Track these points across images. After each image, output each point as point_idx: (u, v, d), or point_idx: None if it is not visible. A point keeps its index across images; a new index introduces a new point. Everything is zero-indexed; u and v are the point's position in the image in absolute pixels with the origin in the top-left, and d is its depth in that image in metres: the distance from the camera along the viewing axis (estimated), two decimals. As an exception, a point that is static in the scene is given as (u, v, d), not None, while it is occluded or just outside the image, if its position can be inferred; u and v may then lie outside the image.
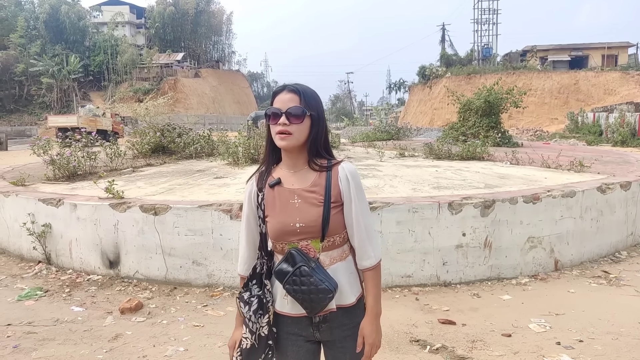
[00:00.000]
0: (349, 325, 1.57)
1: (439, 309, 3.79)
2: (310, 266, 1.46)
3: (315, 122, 1.54)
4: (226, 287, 4.28)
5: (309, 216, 1.50)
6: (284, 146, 1.52)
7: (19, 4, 50.57)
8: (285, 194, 1.54)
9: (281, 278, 1.49)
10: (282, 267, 1.50)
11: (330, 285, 1.46)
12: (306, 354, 1.59)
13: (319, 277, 1.45)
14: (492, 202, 4.39)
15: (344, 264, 1.57)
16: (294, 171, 1.57)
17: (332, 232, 1.52)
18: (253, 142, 8.20)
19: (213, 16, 63.05)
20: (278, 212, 1.54)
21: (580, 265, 4.82)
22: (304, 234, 1.51)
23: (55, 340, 3.33)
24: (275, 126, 1.50)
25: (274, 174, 1.60)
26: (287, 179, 1.56)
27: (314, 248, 1.52)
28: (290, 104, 1.50)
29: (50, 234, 4.88)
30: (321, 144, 1.58)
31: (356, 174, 1.57)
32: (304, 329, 1.57)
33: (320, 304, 1.46)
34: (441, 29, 55.80)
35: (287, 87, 1.54)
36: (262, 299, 1.55)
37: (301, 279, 1.45)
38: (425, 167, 7.39)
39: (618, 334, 3.31)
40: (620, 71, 38.13)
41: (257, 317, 1.54)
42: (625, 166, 7.27)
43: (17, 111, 45.70)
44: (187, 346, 3.23)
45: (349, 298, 1.56)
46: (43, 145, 6.73)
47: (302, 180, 1.55)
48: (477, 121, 12.53)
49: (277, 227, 1.53)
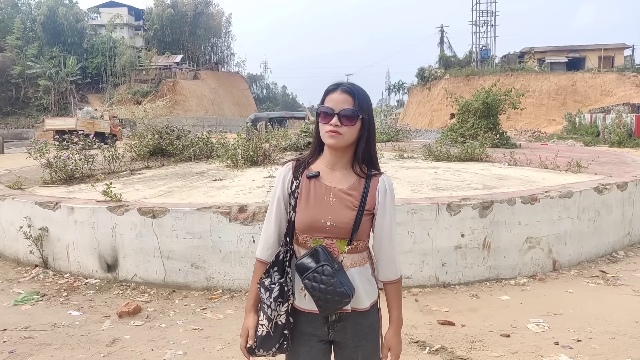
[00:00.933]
0: (363, 325, 1.59)
1: (438, 310, 3.79)
2: (334, 267, 1.46)
3: (365, 126, 1.54)
4: (225, 290, 4.26)
5: (341, 217, 1.51)
6: (332, 145, 1.52)
7: (16, 5, 50.50)
8: (321, 190, 1.54)
9: (302, 272, 1.48)
10: (305, 261, 1.49)
11: (349, 290, 1.46)
12: (318, 354, 1.59)
13: (339, 279, 1.45)
14: (490, 203, 4.40)
15: (362, 270, 1.58)
16: (334, 169, 1.57)
17: (359, 238, 1.54)
18: (252, 144, 8.20)
19: (212, 18, 63.08)
20: (311, 206, 1.53)
21: (578, 265, 4.83)
22: (332, 233, 1.52)
23: (52, 345, 3.31)
24: (326, 125, 1.50)
25: (312, 166, 1.60)
26: (325, 175, 1.57)
27: (339, 248, 1.53)
28: (344, 105, 1.49)
29: (47, 238, 4.86)
30: (371, 149, 1.59)
31: (393, 188, 1.60)
32: (318, 327, 1.57)
33: (335, 305, 1.47)
34: (440, 31, 55.94)
35: (341, 87, 1.53)
36: (283, 287, 1.53)
37: (322, 277, 1.45)
38: (424, 169, 7.40)
39: (615, 333, 3.32)
40: (616, 72, 38.29)
41: (277, 304, 1.52)
42: (621, 167, 7.29)
43: (14, 114, 45.61)
44: (185, 350, 3.22)
45: (363, 303, 1.57)
46: (40, 148, 6.72)
47: (341, 180, 1.56)
48: (476, 122, 12.56)
49: (308, 221, 1.52)
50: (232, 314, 3.80)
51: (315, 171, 1.57)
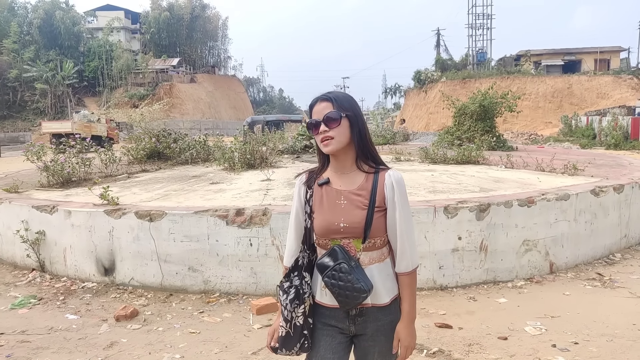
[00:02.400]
0: (384, 321, 1.64)
1: (436, 313, 3.79)
2: (350, 265, 1.55)
3: (353, 122, 1.61)
4: (222, 293, 4.26)
5: (353, 217, 1.58)
6: (329, 151, 1.61)
7: (12, 9, 50.34)
8: (332, 194, 1.63)
9: (322, 270, 1.58)
10: (324, 260, 1.58)
11: (366, 285, 1.53)
12: (338, 345, 1.65)
13: (356, 276, 1.53)
14: (487, 205, 4.41)
15: (382, 266, 1.64)
16: (342, 174, 1.65)
17: (374, 235, 1.60)
18: (249, 147, 8.20)
19: (209, 21, 63.11)
20: (325, 210, 1.62)
21: (575, 267, 4.85)
22: (347, 233, 1.59)
23: (50, 349, 3.30)
24: (318, 135, 1.60)
25: (323, 174, 1.69)
26: (335, 180, 1.65)
27: (355, 247, 1.60)
28: (325, 111, 1.59)
29: (44, 241, 4.85)
30: (367, 143, 1.64)
31: (402, 181, 1.64)
32: (340, 321, 1.64)
33: (354, 301, 1.54)
34: (436, 34, 56.17)
35: (319, 98, 1.63)
36: (299, 290, 1.64)
37: (340, 274, 1.53)
38: (421, 172, 7.41)
39: (613, 335, 3.33)
40: (612, 75, 38.52)
41: (292, 306, 1.62)
42: (618, 169, 7.32)
43: (11, 117, 45.42)
44: (183, 353, 3.21)
45: (382, 298, 1.63)
46: (37, 151, 6.70)
47: (349, 182, 1.64)
48: (472, 125, 12.60)
49: (323, 225, 1.61)
50: (229, 318, 3.80)
51: (326, 178, 1.66)
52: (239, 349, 3.24)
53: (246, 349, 3.24)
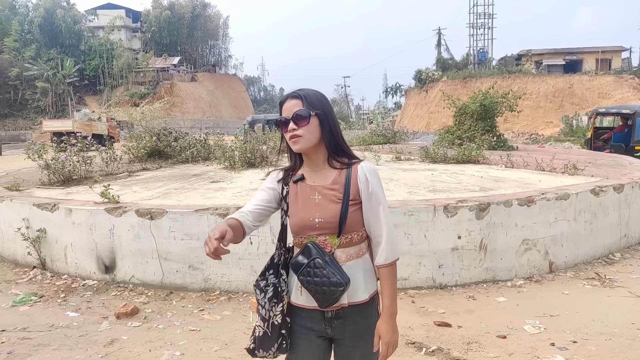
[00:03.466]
0: (362, 325, 1.60)
1: (435, 312, 3.81)
2: (324, 259, 1.52)
3: (323, 120, 1.59)
4: (223, 292, 4.27)
5: (328, 212, 1.56)
6: (298, 149, 1.59)
7: (13, 7, 50.34)
8: (306, 190, 1.61)
9: (296, 269, 1.55)
10: (298, 259, 1.56)
11: (342, 279, 1.50)
12: (317, 349, 1.62)
13: (331, 270, 1.50)
14: (487, 205, 4.42)
15: (360, 262, 1.61)
16: (315, 170, 1.64)
17: (350, 229, 1.57)
18: (249, 146, 8.21)
19: (209, 20, 63.07)
20: (300, 207, 1.60)
21: (575, 267, 4.86)
22: (322, 229, 1.57)
23: (51, 346, 3.32)
24: (287, 133, 1.57)
25: (298, 171, 1.68)
26: (309, 177, 1.64)
27: (331, 243, 1.57)
28: (295, 108, 1.56)
29: (45, 239, 4.86)
30: (339, 141, 1.63)
31: (375, 172, 1.62)
32: (316, 323, 1.60)
33: (332, 296, 1.51)
34: (437, 34, 56.12)
35: (290, 95, 1.61)
36: (277, 287, 1.61)
37: (314, 270, 1.51)
38: (421, 171, 7.42)
39: (611, 334, 3.34)
40: (614, 75, 38.46)
41: (271, 304, 1.59)
42: (618, 169, 7.33)
43: (12, 116, 45.45)
44: (183, 350, 3.23)
45: (361, 295, 1.59)
46: (38, 150, 6.71)
47: (323, 178, 1.62)
48: (473, 125, 12.59)
49: (298, 222, 1.59)
50: (229, 315, 3.81)
51: (300, 175, 1.65)
52: (239, 347, 3.25)
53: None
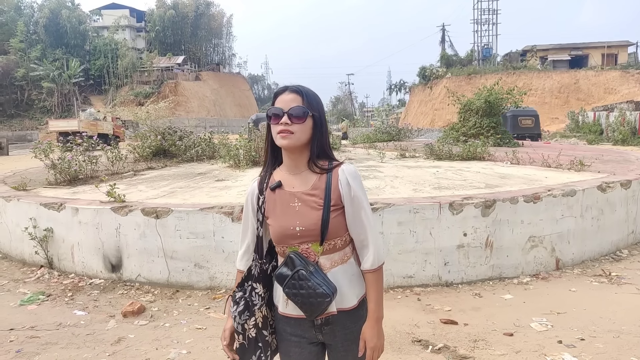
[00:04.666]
0: (352, 329, 1.57)
1: (441, 309, 3.79)
2: (309, 270, 1.46)
3: (317, 123, 1.53)
4: (228, 290, 4.28)
5: (309, 220, 1.49)
6: (285, 145, 1.50)
7: (18, 8, 50.67)
8: (285, 197, 1.53)
9: (281, 282, 1.50)
10: (282, 271, 1.50)
11: (328, 289, 1.45)
12: (309, 355, 1.59)
13: (316, 280, 1.45)
14: (492, 202, 4.40)
15: (345, 267, 1.55)
16: (295, 173, 1.55)
17: (333, 235, 1.51)
18: (254, 145, 8.22)
19: (213, 19, 63.19)
20: (279, 215, 1.53)
21: (582, 264, 4.82)
22: (304, 237, 1.50)
23: (58, 345, 3.34)
24: (277, 126, 1.49)
25: (274, 176, 1.59)
26: (287, 182, 1.55)
27: (314, 251, 1.51)
28: (293, 104, 1.49)
29: (52, 239, 4.90)
30: (325, 145, 1.57)
31: (357, 175, 1.55)
32: (306, 330, 1.57)
33: (319, 307, 1.46)
34: (441, 30, 55.87)
35: (289, 88, 1.54)
36: (248, 302, 1.57)
37: (299, 282, 1.45)
38: (426, 168, 7.40)
39: (619, 332, 3.32)
40: (620, 70, 38.12)
41: (242, 318, 1.56)
42: (625, 165, 7.27)
43: (18, 116, 45.80)
44: (189, 349, 3.24)
45: (350, 301, 1.55)
46: (44, 149, 6.75)
47: (302, 183, 1.54)
48: (478, 121, 12.54)
49: (278, 231, 1.52)
50: (235, 314, 3.82)
51: (278, 181, 1.56)
52: (245, 345, 3.26)
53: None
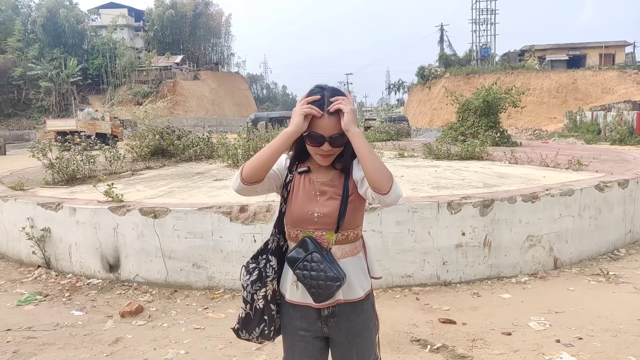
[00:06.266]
0: (356, 321, 1.62)
1: (440, 309, 3.80)
2: (322, 254, 1.52)
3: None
4: (227, 290, 4.28)
5: (327, 208, 1.57)
6: (325, 165, 1.61)
7: (16, 8, 50.50)
8: (308, 185, 1.62)
9: (292, 263, 1.54)
10: (294, 253, 1.55)
11: (339, 274, 1.50)
12: (313, 350, 1.63)
13: (328, 264, 1.50)
14: (491, 201, 4.40)
15: (355, 260, 1.62)
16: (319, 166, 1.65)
17: (347, 226, 1.58)
18: (253, 144, 8.20)
19: (212, 18, 63.05)
20: (300, 200, 1.61)
21: (580, 263, 4.83)
22: (321, 224, 1.57)
23: (55, 345, 3.33)
24: (317, 149, 1.55)
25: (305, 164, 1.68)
26: (314, 171, 1.65)
27: (328, 239, 1.58)
28: (333, 131, 1.52)
29: (49, 238, 4.88)
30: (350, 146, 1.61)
31: None
32: (312, 323, 1.61)
33: (327, 291, 1.50)
34: (440, 30, 55.91)
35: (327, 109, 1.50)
36: (262, 272, 1.62)
37: (311, 264, 1.50)
38: (425, 167, 7.40)
39: (617, 331, 3.32)
40: (617, 70, 38.22)
41: (254, 288, 1.61)
42: (623, 164, 7.28)
43: (16, 115, 45.67)
44: (188, 349, 3.24)
45: (356, 292, 1.60)
46: (42, 149, 6.73)
47: (325, 175, 1.64)
48: (476, 121, 12.56)
49: (297, 213, 1.59)
50: (233, 314, 3.81)
51: (306, 167, 1.65)
52: (243, 345, 3.25)
53: (250, 344, 3.24)
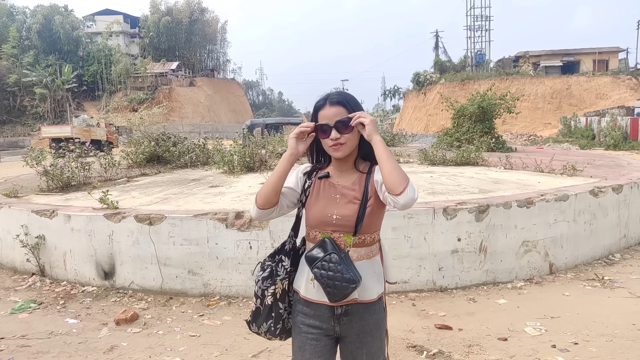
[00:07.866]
0: (368, 320, 1.65)
1: (436, 314, 3.80)
2: (341, 256, 1.56)
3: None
4: (222, 297, 4.26)
5: (346, 211, 1.62)
6: (339, 156, 1.63)
7: (10, 14, 50.42)
8: (329, 188, 1.67)
9: (311, 262, 1.58)
10: (313, 252, 1.59)
11: (355, 276, 1.54)
12: (324, 348, 1.66)
13: (346, 266, 1.55)
14: (486, 207, 4.42)
15: (370, 263, 1.66)
16: (341, 170, 1.70)
17: (365, 230, 1.62)
18: (248, 151, 8.21)
19: (207, 25, 63.18)
20: (320, 202, 1.66)
21: (575, 268, 4.85)
22: (339, 226, 1.62)
23: (50, 353, 3.30)
24: (327, 140, 1.61)
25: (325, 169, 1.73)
26: (334, 176, 1.70)
27: (345, 242, 1.62)
28: (337, 117, 1.59)
29: (44, 246, 4.85)
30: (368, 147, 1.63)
31: None
32: (325, 321, 1.64)
33: (343, 291, 1.54)
34: (435, 36, 56.28)
35: (329, 100, 1.63)
36: (273, 270, 1.69)
37: (329, 265, 1.55)
38: (420, 173, 7.42)
39: (612, 335, 3.34)
40: (611, 76, 38.57)
41: (265, 284, 1.69)
42: (617, 169, 7.34)
43: (10, 122, 45.44)
44: (183, 356, 3.22)
45: (370, 294, 1.64)
46: (36, 156, 6.70)
47: (346, 178, 1.68)
48: (471, 127, 12.62)
49: (317, 216, 1.64)
50: (229, 321, 3.80)
51: (326, 172, 1.71)
52: (239, 352, 3.24)
53: (246, 351, 3.24)
